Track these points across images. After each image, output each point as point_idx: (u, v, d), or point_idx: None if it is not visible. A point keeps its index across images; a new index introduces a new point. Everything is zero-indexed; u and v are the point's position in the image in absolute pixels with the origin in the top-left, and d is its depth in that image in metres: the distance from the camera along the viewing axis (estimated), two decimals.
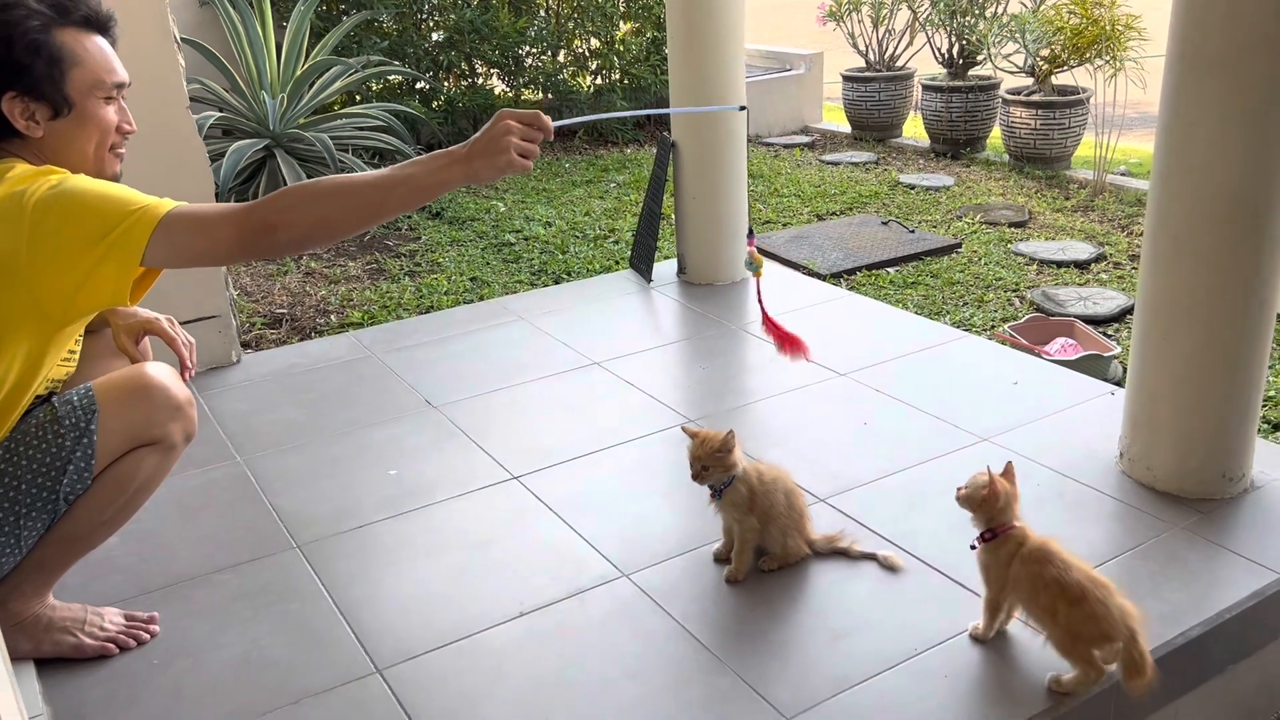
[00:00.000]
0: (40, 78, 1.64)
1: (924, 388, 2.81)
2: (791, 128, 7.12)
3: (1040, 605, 1.70)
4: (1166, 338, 2.17)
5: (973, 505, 1.77)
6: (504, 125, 1.61)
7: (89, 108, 1.70)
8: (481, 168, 1.61)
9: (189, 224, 1.58)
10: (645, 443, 2.60)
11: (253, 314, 3.97)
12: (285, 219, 1.58)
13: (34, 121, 1.66)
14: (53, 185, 1.59)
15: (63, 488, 1.72)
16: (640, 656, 1.86)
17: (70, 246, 1.55)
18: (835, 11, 6.68)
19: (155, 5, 2.78)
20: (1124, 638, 1.64)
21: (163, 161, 2.84)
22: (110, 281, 1.57)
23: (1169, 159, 2.07)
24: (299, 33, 5.33)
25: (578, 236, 4.74)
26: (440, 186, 1.61)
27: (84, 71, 1.68)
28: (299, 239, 1.61)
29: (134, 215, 1.56)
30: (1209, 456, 2.20)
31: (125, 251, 1.55)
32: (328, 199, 1.60)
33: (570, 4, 6.67)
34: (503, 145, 1.59)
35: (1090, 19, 5.39)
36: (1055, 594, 1.67)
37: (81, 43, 1.69)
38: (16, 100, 1.64)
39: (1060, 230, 4.73)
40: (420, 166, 1.62)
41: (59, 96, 1.66)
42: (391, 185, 1.60)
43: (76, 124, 1.70)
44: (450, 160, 1.61)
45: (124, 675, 1.86)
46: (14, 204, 1.57)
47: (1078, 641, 1.68)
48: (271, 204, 1.59)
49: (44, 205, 1.56)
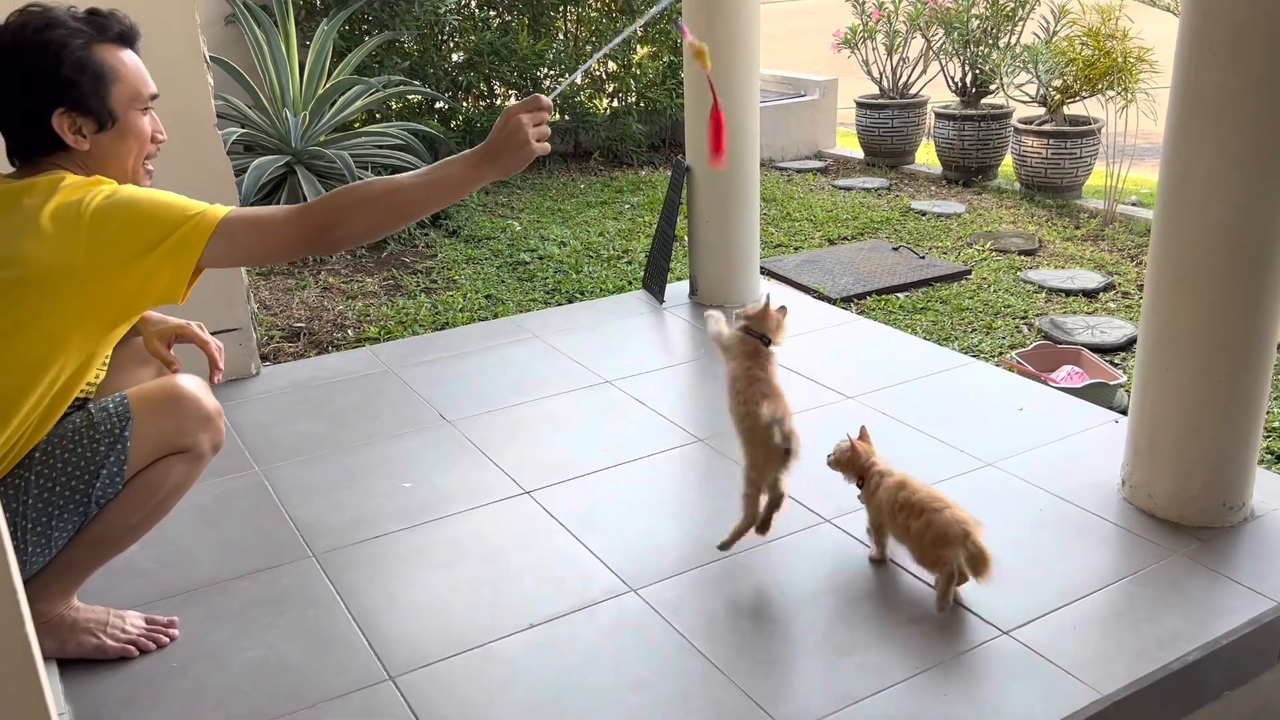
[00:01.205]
0: (87, 93, 1.73)
1: (930, 412, 2.85)
2: (805, 153, 7.19)
3: (897, 524, 2.08)
4: (1168, 368, 2.21)
5: (841, 467, 2.22)
6: (515, 120, 1.75)
7: (130, 119, 1.79)
8: (510, 161, 1.76)
9: (250, 226, 1.71)
10: (655, 460, 2.65)
11: (271, 327, 4.04)
12: (342, 218, 1.72)
13: (81, 135, 1.74)
14: (108, 195, 1.68)
15: (95, 491, 1.79)
16: (646, 669, 1.90)
17: (130, 251, 1.65)
18: (850, 39, 6.76)
19: (188, 25, 2.87)
20: (959, 538, 1.97)
21: (190, 176, 2.89)
22: (165, 283, 1.68)
23: (1170, 194, 2.12)
24: (322, 52, 5.43)
25: (592, 256, 4.81)
26: (474, 182, 1.77)
27: (124, 85, 1.77)
28: (355, 235, 1.74)
29: (192, 220, 1.67)
30: (1209, 485, 2.23)
31: (184, 255, 1.66)
32: (381, 199, 1.74)
33: (589, 28, 6.76)
34: (521, 137, 1.74)
35: (1103, 51, 5.45)
36: (907, 513, 2.05)
37: (119, 57, 1.78)
38: (65, 116, 1.72)
39: (1070, 259, 4.78)
40: (454, 166, 1.76)
41: (104, 110, 1.75)
42: (431, 184, 1.76)
43: (119, 136, 1.79)
44: (480, 159, 1.76)
45: (144, 677, 1.91)
46: (71, 213, 1.65)
47: (925, 547, 2.02)
48: (329, 204, 1.73)
49: (103, 213, 1.65)
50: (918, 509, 2.04)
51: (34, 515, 1.75)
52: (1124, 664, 1.86)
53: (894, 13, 6.61)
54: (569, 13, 6.78)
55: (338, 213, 1.71)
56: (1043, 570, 2.14)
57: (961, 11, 6.22)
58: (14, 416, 1.69)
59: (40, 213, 1.65)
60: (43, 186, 1.68)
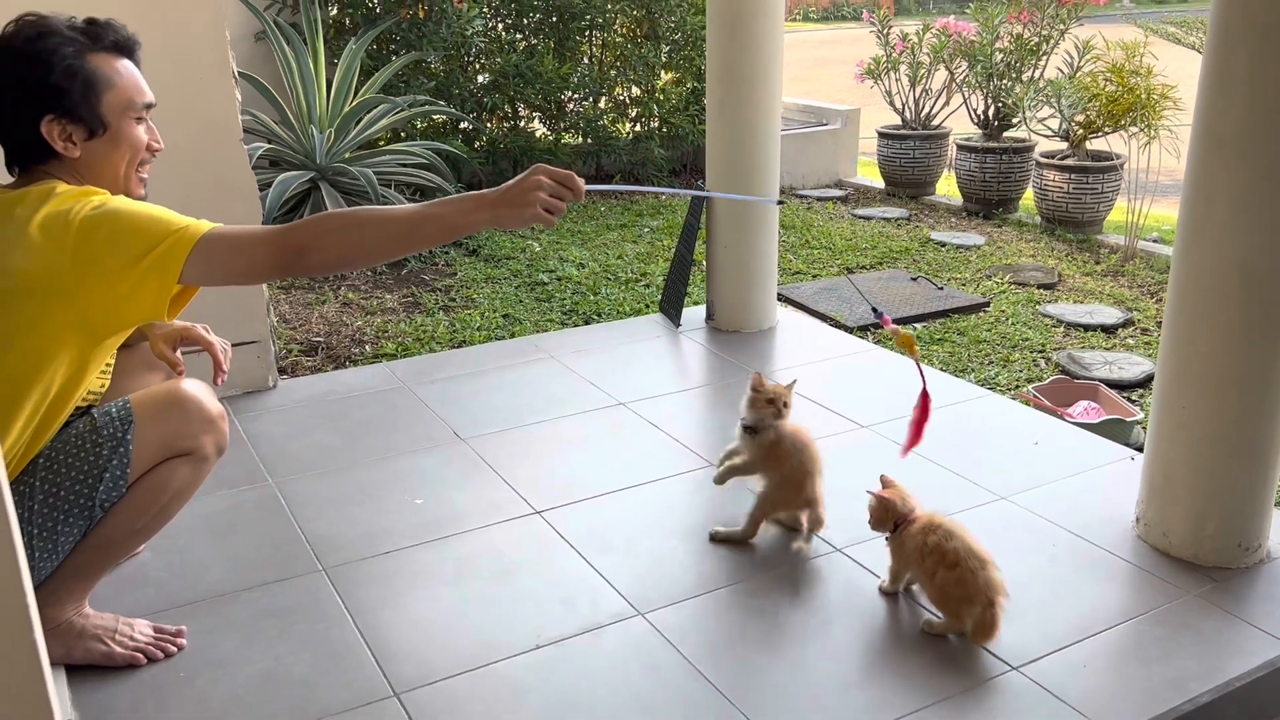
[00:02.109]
0: (77, 101, 1.73)
1: (944, 444, 2.84)
2: (825, 181, 7.20)
3: (924, 569, 2.01)
4: (1184, 406, 2.20)
5: (881, 524, 2.13)
6: (536, 180, 1.69)
7: (122, 128, 1.80)
8: (507, 215, 1.70)
9: (227, 244, 1.67)
10: (666, 484, 2.65)
11: (290, 341, 4.07)
12: (318, 243, 1.68)
13: (71, 142, 1.75)
14: (95, 206, 1.67)
15: (99, 495, 1.80)
16: (651, 693, 1.90)
17: (114, 264, 1.64)
18: (873, 69, 6.78)
19: (217, 41, 2.91)
20: (983, 604, 1.93)
21: (214, 190, 2.95)
22: (151, 297, 1.66)
23: (1189, 232, 2.12)
24: (349, 70, 5.49)
25: (610, 279, 4.82)
26: (466, 227, 1.71)
27: (117, 93, 1.78)
28: (329, 262, 1.71)
29: (174, 235, 1.65)
30: (1225, 525, 2.21)
31: (165, 269, 1.64)
32: (360, 229, 1.70)
33: (614, 52, 6.81)
34: (531, 199, 1.68)
35: (1126, 87, 5.45)
36: (936, 559, 1.98)
37: (113, 66, 1.79)
38: (55, 123, 1.73)
39: (1089, 294, 4.76)
40: (450, 206, 1.71)
41: (94, 118, 1.76)
42: (420, 221, 1.70)
43: (111, 144, 1.79)
44: (478, 204, 1.70)
45: (151, 685, 1.92)
46: (59, 222, 1.65)
47: (948, 600, 1.98)
48: (306, 228, 1.69)
49: (89, 224, 1.65)
50: (951, 560, 1.97)
51: (40, 520, 1.77)
52: (1134, 704, 1.84)
53: (918, 44, 6.63)
54: (594, 37, 6.84)
55: (316, 238, 1.68)
56: (1054, 606, 2.12)
57: (985, 45, 6.24)
58: (12, 425, 1.70)
59: (30, 223, 1.65)
60: (34, 197, 1.69)
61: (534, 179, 1.70)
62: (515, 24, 6.62)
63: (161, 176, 2.12)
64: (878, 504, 2.12)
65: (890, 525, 2.12)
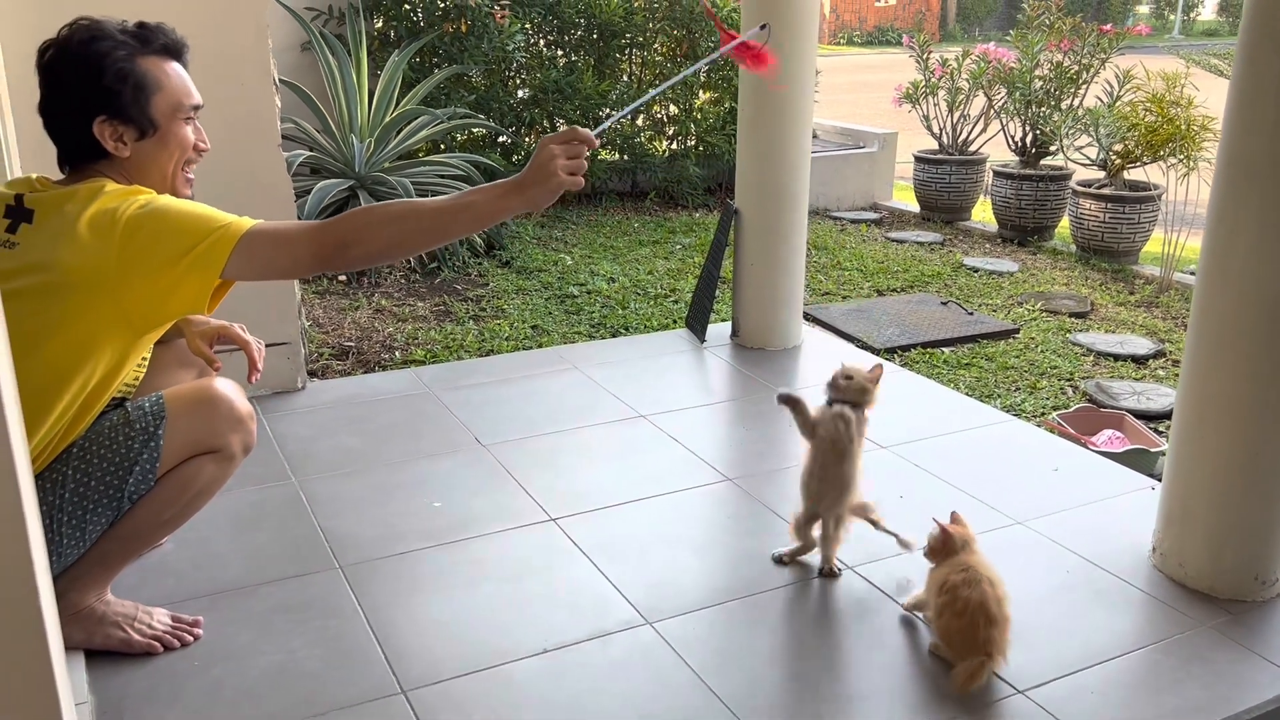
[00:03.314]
0: (128, 102, 1.80)
1: (964, 467, 2.83)
2: (861, 203, 7.20)
3: (936, 603, 1.99)
4: (1203, 436, 2.18)
5: (936, 556, 2.07)
6: (548, 151, 1.75)
7: (171, 128, 1.86)
8: (538, 194, 1.75)
9: (269, 240, 1.74)
10: (682, 496, 2.67)
11: (322, 344, 4.14)
12: (359, 237, 1.75)
13: (122, 142, 1.82)
14: (142, 204, 1.74)
15: (129, 486, 1.85)
16: (656, 702, 1.91)
17: (158, 260, 1.71)
18: (912, 94, 6.79)
19: (260, 49, 2.99)
20: (978, 659, 1.88)
21: (250, 192, 3.02)
22: (193, 291, 1.73)
23: (1212, 261, 2.11)
24: (391, 81, 5.58)
25: (639, 294, 4.85)
26: (500, 213, 1.77)
27: (166, 95, 1.85)
28: (372, 255, 1.77)
29: (218, 232, 1.72)
30: (1242, 557, 2.19)
31: (207, 265, 1.71)
32: (399, 221, 1.76)
33: (653, 71, 6.87)
34: (551, 169, 1.74)
35: (1166, 118, 5.42)
36: (949, 601, 1.95)
37: (163, 69, 1.86)
38: (106, 124, 1.80)
39: (1121, 324, 4.72)
40: (481, 195, 1.77)
41: (145, 119, 1.83)
42: (455, 211, 1.76)
43: (159, 144, 1.86)
44: (507, 190, 1.76)
45: (166, 673, 1.96)
46: (107, 219, 1.72)
47: (949, 640, 1.97)
48: (346, 222, 1.75)
49: (135, 222, 1.71)
50: (960, 608, 1.92)
51: (69, 508, 1.82)
52: None
53: (957, 70, 6.63)
54: (634, 55, 6.90)
55: (355, 231, 1.74)
56: (1065, 631, 2.11)
57: (1025, 72, 6.23)
58: (49, 414, 1.76)
59: (78, 219, 1.72)
60: (83, 194, 1.76)
61: (546, 151, 1.75)
62: (556, 40, 6.70)
63: (200, 177, 2.18)
64: (939, 537, 2.05)
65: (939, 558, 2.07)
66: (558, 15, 6.50)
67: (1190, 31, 29.27)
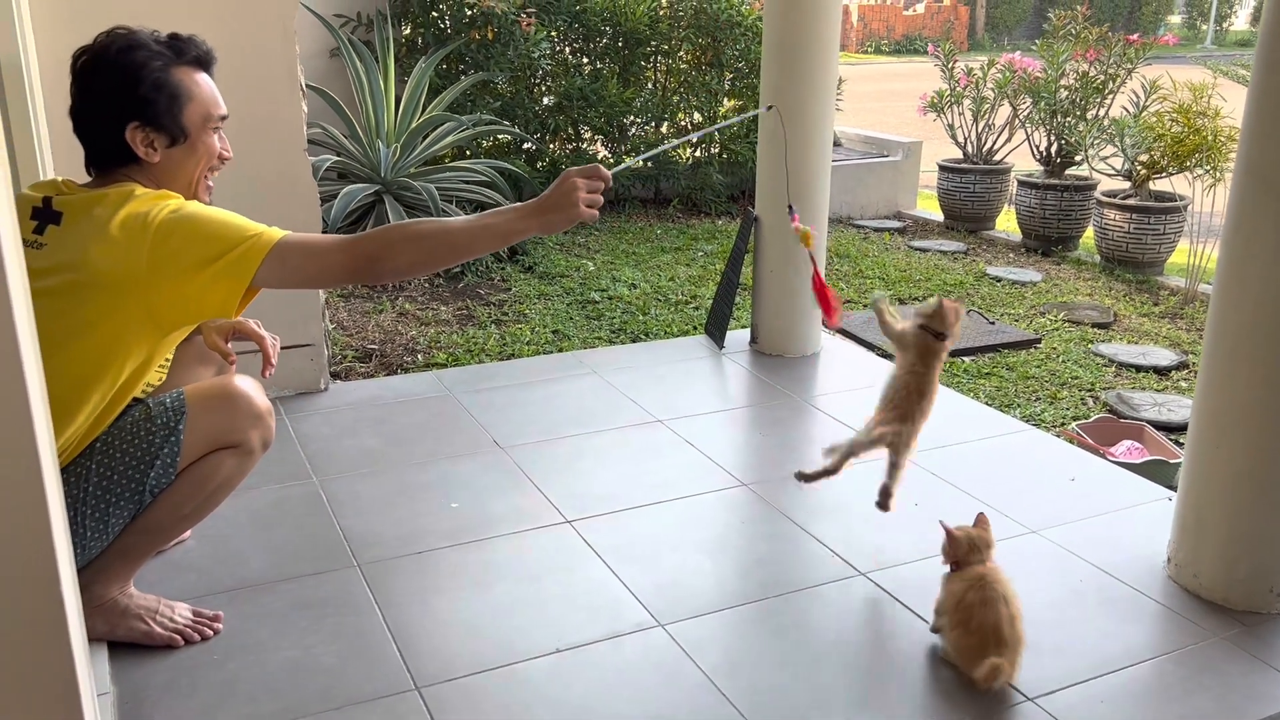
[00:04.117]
0: (162, 111, 1.87)
1: (980, 476, 2.83)
2: (884, 212, 7.20)
3: (952, 617, 2.01)
4: (1219, 446, 2.18)
5: (947, 557, 2.10)
6: (570, 183, 1.84)
7: (200, 137, 1.93)
8: (555, 220, 1.85)
9: (301, 250, 1.80)
10: (696, 500, 2.69)
11: (345, 346, 4.19)
12: (388, 252, 1.81)
13: (152, 149, 1.88)
14: (174, 209, 1.80)
15: (150, 480, 1.89)
16: (666, 704, 1.93)
17: (187, 264, 1.76)
18: (936, 103, 6.78)
19: (287, 55, 3.04)
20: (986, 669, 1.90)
21: (276, 195, 3.07)
22: (221, 297, 1.78)
23: (1229, 271, 2.11)
24: (418, 88, 5.64)
25: (660, 300, 4.88)
26: (517, 234, 1.86)
27: (197, 105, 1.91)
28: (399, 269, 1.84)
29: (250, 240, 1.78)
30: (1257, 569, 2.18)
31: (238, 272, 1.77)
32: (426, 239, 1.83)
33: (677, 78, 6.90)
34: (572, 200, 1.83)
35: (1192, 128, 5.38)
36: (963, 617, 1.97)
37: (194, 79, 1.92)
38: (139, 130, 1.86)
39: (1144, 335, 4.70)
40: (500, 217, 1.85)
41: (176, 127, 1.89)
42: (476, 231, 1.85)
43: (188, 151, 1.92)
44: (525, 213, 1.85)
45: (186, 666, 2.00)
46: (139, 223, 1.77)
47: (960, 653, 1.98)
48: (377, 238, 1.82)
49: (168, 226, 1.77)
50: (975, 627, 1.95)
51: (93, 502, 1.86)
52: None
53: (982, 79, 6.62)
54: (659, 63, 6.94)
55: (386, 246, 1.81)
56: (1076, 640, 2.11)
57: (1050, 81, 6.21)
58: (80, 411, 1.81)
59: (110, 222, 1.77)
60: (114, 198, 1.81)
61: (568, 183, 1.84)
62: (581, 48, 6.74)
63: (228, 181, 2.23)
64: (947, 540, 2.09)
65: (949, 563, 2.10)
66: (583, 23, 6.54)
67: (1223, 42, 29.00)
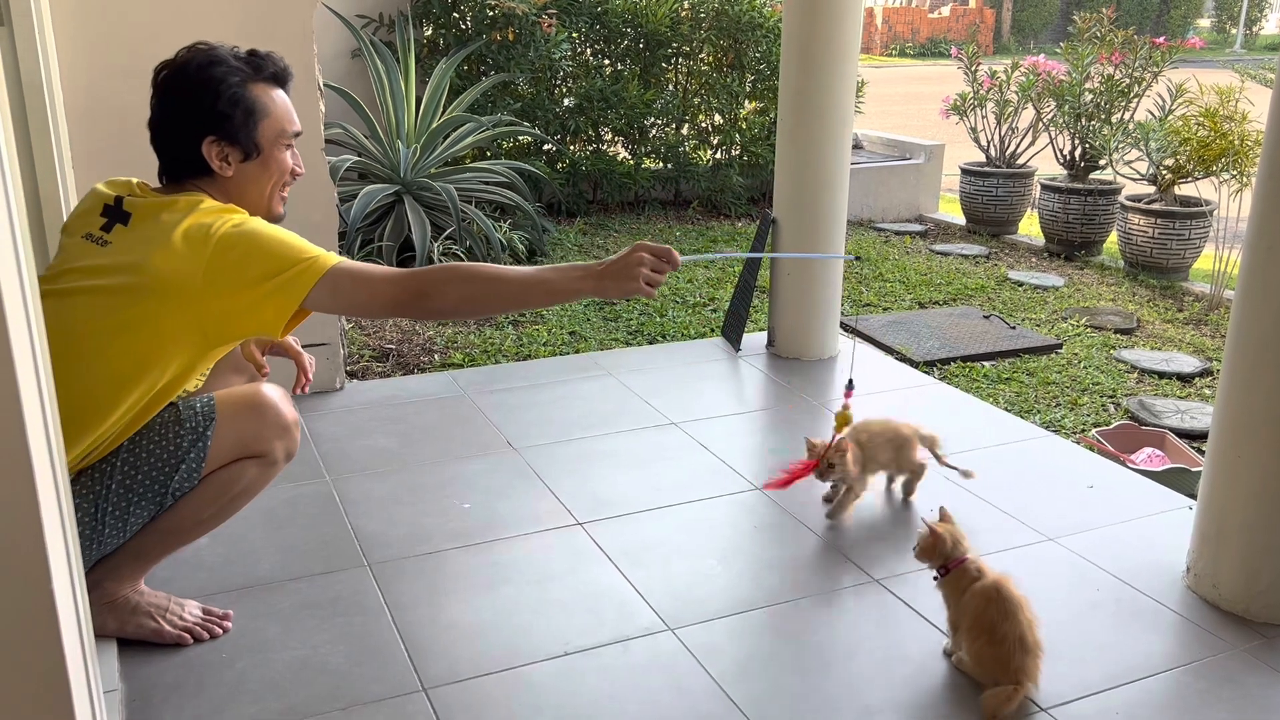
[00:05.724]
0: (238, 126, 1.89)
1: (999, 483, 2.80)
2: (906, 215, 7.15)
3: (970, 633, 1.97)
4: (1240, 455, 2.14)
5: (927, 556, 2.05)
6: (638, 256, 1.81)
7: (273, 153, 1.95)
8: (611, 287, 1.82)
9: (354, 278, 1.81)
10: (709, 504, 2.67)
11: (363, 346, 4.19)
12: (438, 290, 1.81)
13: (227, 163, 1.90)
14: (236, 224, 1.82)
15: (173, 484, 1.90)
16: (674, 709, 1.91)
17: (241, 280, 1.78)
18: (960, 106, 6.73)
19: (306, 56, 3.05)
20: (1010, 685, 1.88)
21: (295, 196, 3.05)
22: (270, 315, 1.79)
23: (1250, 277, 2.07)
24: (438, 89, 5.65)
25: (678, 302, 4.86)
26: (572, 294, 1.84)
27: (272, 121, 1.93)
28: (445, 310, 1.84)
29: (305, 263, 1.79)
30: (1278, 580, 2.14)
31: (290, 293, 1.78)
32: (477, 283, 1.83)
33: (698, 80, 6.88)
34: (634, 274, 1.81)
35: (1219, 132, 5.31)
36: (985, 629, 1.93)
37: (270, 96, 1.94)
38: (215, 144, 1.88)
39: (1168, 341, 4.64)
40: (559, 274, 1.84)
41: (251, 143, 1.91)
42: (531, 284, 1.83)
43: (261, 166, 1.94)
44: (585, 274, 1.83)
45: (195, 664, 2.01)
46: (201, 233, 1.80)
47: (980, 665, 1.96)
48: (431, 275, 1.83)
49: (228, 240, 1.79)
50: (999, 638, 1.91)
51: (115, 499, 1.87)
52: None
53: (1005, 82, 6.56)
54: (680, 65, 6.92)
55: (436, 284, 1.81)
56: (1092, 650, 2.08)
57: (1075, 84, 6.15)
58: (114, 410, 1.82)
59: (174, 229, 1.80)
60: (181, 206, 1.84)
61: (636, 255, 1.82)
62: (602, 49, 6.74)
63: None
64: (929, 537, 2.05)
65: (938, 564, 2.04)
66: (604, 24, 6.54)
67: (1253, 46, 28.67)
